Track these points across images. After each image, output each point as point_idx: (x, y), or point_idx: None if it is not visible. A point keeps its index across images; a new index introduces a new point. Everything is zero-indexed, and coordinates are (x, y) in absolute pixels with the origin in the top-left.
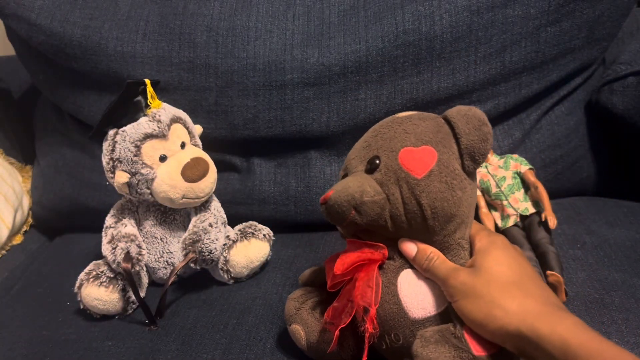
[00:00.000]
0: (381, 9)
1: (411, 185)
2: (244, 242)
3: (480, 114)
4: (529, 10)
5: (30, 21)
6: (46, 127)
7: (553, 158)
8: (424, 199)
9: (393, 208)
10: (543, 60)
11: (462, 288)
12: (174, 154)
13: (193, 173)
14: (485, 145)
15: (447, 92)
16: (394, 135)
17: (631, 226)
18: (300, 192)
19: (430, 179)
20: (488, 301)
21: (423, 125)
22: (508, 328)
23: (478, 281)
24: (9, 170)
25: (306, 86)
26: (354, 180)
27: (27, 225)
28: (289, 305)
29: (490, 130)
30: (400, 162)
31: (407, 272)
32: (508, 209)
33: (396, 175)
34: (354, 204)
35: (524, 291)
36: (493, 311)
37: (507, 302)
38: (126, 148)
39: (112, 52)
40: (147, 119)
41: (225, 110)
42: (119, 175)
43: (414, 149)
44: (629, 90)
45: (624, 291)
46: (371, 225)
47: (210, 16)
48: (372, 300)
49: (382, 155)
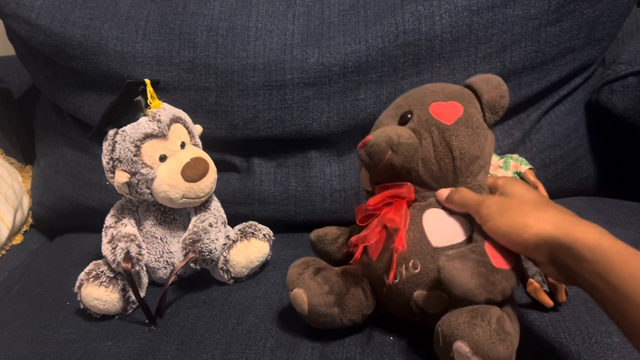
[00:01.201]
0: (381, 9)
1: (442, 130)
2: (244, 242)
3: (498, 78)
4: (529, 10)
5: (30, 21)
6: (46, 127)
7: (553, 158)
8: (454, 141)
9: (425, 151)
10: (543, 60)
11: (495, 207)
12: (174, 154)
13: (193, 173)
14: (504, 100)
15: None
16: (423, 94)
17: (631, 226)
18: (300, 192)
19: (458, 124)
20: (523, 213)
21: (450, 87)
22: (542, 234)
23: (511, 201)
24: (9, 170)
25: (306, 86)
26: (390, 128)
27: (27, 225)
28: (291, 272)
29: (507, 89)
30: (432, 112)
31: (430, 210)
32: None
33: (428, 123)
34: (391, 144)
35: (553, 206)
36: (528, 221)
37: (540, 213)
38: (126, 148)
39: (112, 52)
40: (147, 119)
41: (225, 110)
42: (119, 175)
43: (443, 103)
44: (629, 90)
45: None
46: (404, 168)
47: (210, 16)
48: (401, 223)
49: (414, 109)
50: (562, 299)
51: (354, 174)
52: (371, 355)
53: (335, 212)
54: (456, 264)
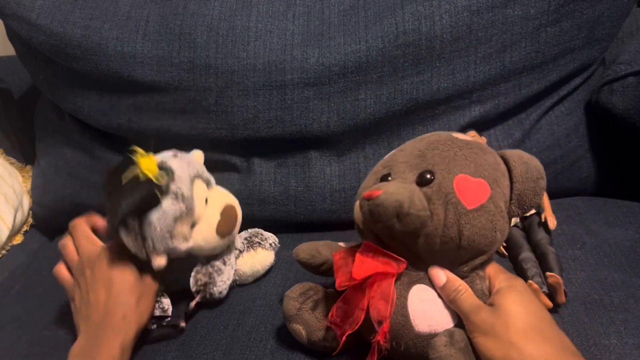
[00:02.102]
0: (381, 9)
1: (459, 213)
2: (251, 252)
3: (541, 167)
4: (529, 10)
5: (31, 21)
6: (46, 127)
7: (553, 158)
8: (467, 230)
9: (432, 228)
10: (543, 60)
11: (482, 325)
12: (202, 215)
13: (227, 229)
14: (537, 199)
15: (447, 92)
16: (453, 157)
17: (631, 226)
18: (300, 192)
19: (479, 212)
20: (506, 342)
21: (483, 158)
22: None
23: (498, 321)
24: (9, 170)
25: (306, 86)
26: (403, 188)
27: (27, 225)
28: (288, 305)
29: (545, 185)
30: (455, 187)
31: (419, 287)
32: None
33: (447, 198)
34: (399, 211)
35: (542, 335)
36: (510, 352)
37: (525, 344)
38: (161, 238)
39: (112, 52)
40: (171, 201)
41: (225, 111)
42: (159, 260)
43: (471, 179)
44: (629, 90)
45: (623, 291)
46: (403, 235)
47: (210, 16)
48: (387, 315)
49: (437, 172)
50: (562, 301)
51: (354, 174)
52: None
53: (335, 212)
54: (452, 355)
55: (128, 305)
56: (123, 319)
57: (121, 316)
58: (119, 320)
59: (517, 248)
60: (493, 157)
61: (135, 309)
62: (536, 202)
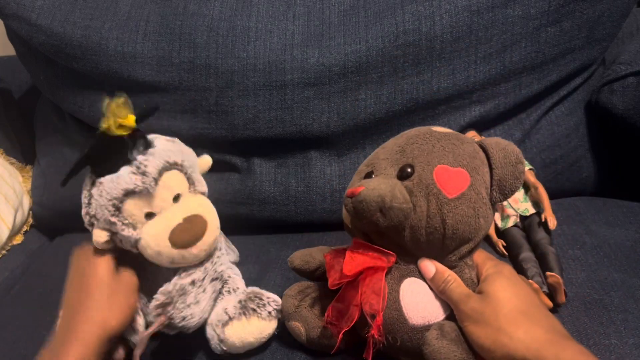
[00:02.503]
0: (381, 9)
1: (441, 202)
2: (242, 321)
3: (518, 151)
4: (529, 10)
5: (31, 21)
6: (46, 127)
7: (553, 158)
8: (450, 219)
9: (416, 219)
10: (543, 60)
11: (471, 314)
12: (164, 210)
13: (183, 238)
14: (517, 183)
15: (447, 92)
16: (432, 149)
17: (631, 226)
18: (301, 192)
19: (460, 201)
20: (495, 328)
21: (461, 148)
22: (514, 355)
23: (486, 308)
24: (9, 170)
25: (306, 86)
26: (385, 182)
27: (27, 225)
28: (287, 303)
29: (525, 169)
30: (435, 178)
31: (410, 280)
32: (508, 209)
33: (428, 189)
34: (381, 205)
35: (530, 319)
36: (500, 338)
37: (514, 329)
38: (103, 206)
39: (112, 52)
40: (131, 170)
41: (226, 111)
42: (97, 234)
43: (450, 169)
44: (629, 90)
45: (623, 291)
46: (389, 229)
47: (210, 16)
48: (379, 308)
49: (416, 166)
50: (562, 300)
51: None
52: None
53: (335, 212)
54: (443, 347)
55: (95, 305)
56: (86, 321)
57: (84, 317)
58: (82, 322)
59: (517, 248)
60: (471, 146)
61: (104, 309)
62: (516, 186)
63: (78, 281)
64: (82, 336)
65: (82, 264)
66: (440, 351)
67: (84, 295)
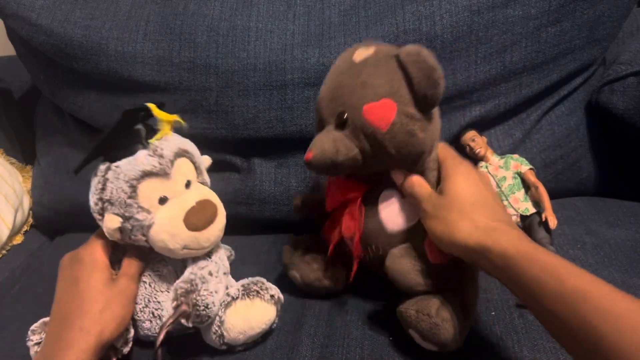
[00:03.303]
0: (382, 9)
1: (378, 139)
2: (246, 302)
3: (430, 57)
4: (530, 10)
5: (31, 21)
6: (47, 127)
7: (553, 158)
8: (391, 148)
9: (367, 157)
10: (543, 60)
11: (431, 210)
12: (177, 196)
13: (198, 220)
14: (437, 91)
15: (447, 92)
16: (353, 89)
17: (631, 226)
18: (301, 192)
19: (393, 130)
20: (448, 221)
21: (378, 75)
22: (464, 242)
23: (442, 204)
24: (9, 170)
25: (307, 86)
26: (327, 140)
27: (27, 225)
28: (284, 254)
29: (441, 74)
30: (365, 118)
31: (386, 193)
32: (508, 209)
33: (363, 131)
34: (330, 163)
35: (478, 211)
36: (450, 229)
37: (461, 221)
38: (119, 188)
39: (112, 52)
40: (147, 153)
41: (226, 111)
42: (110, 219)
43: (375, 104)
44: (629, 90)
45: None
46: (352, 170)
47: (210, 16)
48: (355, 228)
49: (347, 112)
50: None
51: None
52: (371, 356)
53: None
54: (397, 264)
55: (87, 315)
56: (79, 330)
57: (77, 327)
58: (75, 332)
59: None
60: (387, 68)
61: (98, 319)
62: (437, 94)
63: (70, 290)
64: (76, 346)
65: (75, 273)
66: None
67: (76, 305)
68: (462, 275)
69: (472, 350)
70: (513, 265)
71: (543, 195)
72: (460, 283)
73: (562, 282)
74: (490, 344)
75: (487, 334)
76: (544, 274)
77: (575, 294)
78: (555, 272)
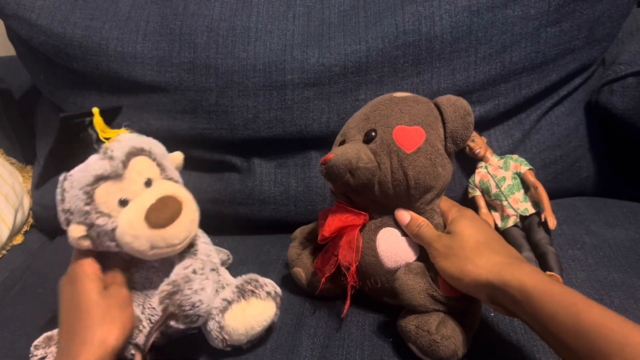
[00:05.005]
0: (381, 9)
1: (401, 158)
2: (241, 304)
3: (467, 104)
4: (529, 10)
5: (31, 22)
6: (46, 127)
7: (553, 158)
8: (410, 170)
9: (382, 175)
10: (543, 60)
11: (442, 250)
12: (137, 196)
13: (159, 217)
14: (467, 132)
15: (447, 93)
16: (390, 113)
17: (631, 226)
18: (301, 192)
19: (417, 154)
20: (463, 259)
21: (416, 108)
22: (479, 279)
23: (454, 244)
24: (9, 170)
25: (306, 86)
26: (352, 147)
27: (27, 225)
28: (290, 252)
29: (473, 120)
30: (394, 137)
31: (384, 230)
32: (508, 209)
33: (389, 148)
34: (349, 167)
35: (491, 249)
36: (467, 267)
37: (478, 258)
38: (75, 196)
39: (112, 52)
40: (97, 157)
41: (226, 111)
42: (72, 229)
43: (407, 127)
44: (629, 90)
45: (623, 292)
46: (361, 187)
47: (210, 17)
48: (352, 260)
49: (378, 129)
50: None
51: None
52: (370, 357)
53: None
54: (410, 280)
55: (87, 328)
56: (82, 344)
57: (79, 341)
58: (77, 346)
59: (517, 248)
60: (426, 106)
61: (98, 329)
62: (467, 136)
63: (69, 306)
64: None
65: (71, 290)
66: (407, 283)
67: (75, 319)
68: (470, 306)
69: (472, 351)
70: (530, 300)
71: (542, 196)
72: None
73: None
74: (490, 344)
75: (487, 334)
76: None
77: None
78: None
